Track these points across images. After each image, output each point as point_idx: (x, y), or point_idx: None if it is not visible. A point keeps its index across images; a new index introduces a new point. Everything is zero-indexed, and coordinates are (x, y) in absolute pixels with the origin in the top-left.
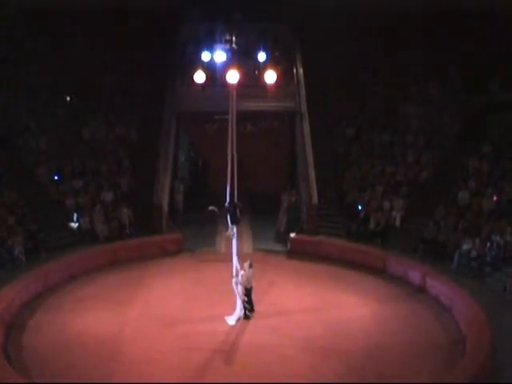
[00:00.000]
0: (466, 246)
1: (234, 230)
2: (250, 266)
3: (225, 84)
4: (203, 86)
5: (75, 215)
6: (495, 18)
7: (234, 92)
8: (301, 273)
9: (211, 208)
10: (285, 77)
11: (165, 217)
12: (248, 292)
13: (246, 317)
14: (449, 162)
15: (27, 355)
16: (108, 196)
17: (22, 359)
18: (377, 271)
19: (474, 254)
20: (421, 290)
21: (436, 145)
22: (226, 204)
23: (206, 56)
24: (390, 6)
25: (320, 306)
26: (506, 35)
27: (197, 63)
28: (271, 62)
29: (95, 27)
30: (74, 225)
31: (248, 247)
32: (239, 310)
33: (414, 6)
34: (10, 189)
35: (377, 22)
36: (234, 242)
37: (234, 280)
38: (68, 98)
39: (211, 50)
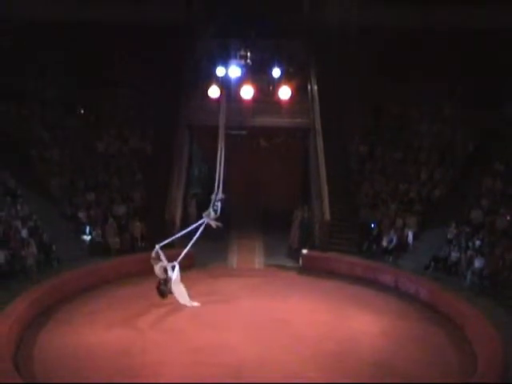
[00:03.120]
0: (478, 264)
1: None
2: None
3: (239, 99)
4: (217, 100)
5: (87, 228)
6: (510, 34)
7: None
8: (312, 289)
9: (216, 224)
10: (299, 93)
11: (177, 231)
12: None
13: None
14: (462, 180)
15: (37, 367)
16: (121, 209)
17: (32, 371)
18: (388, 288)
19: (486, 272)
20: (432, 307)
21: (449, 162)
22: (219, 196)
23: (220, 71)
24: (404, 21)
25: (330, 322)
26: None
27: (211, 78)
28: (285, 77)
29: (110, 41)
30: (87, 237)
31: (260, 262)
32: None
33: (428, 22)
34: (23, 200)
35: (391, 38)
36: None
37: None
38: (82, 111)
39: (226, 65)
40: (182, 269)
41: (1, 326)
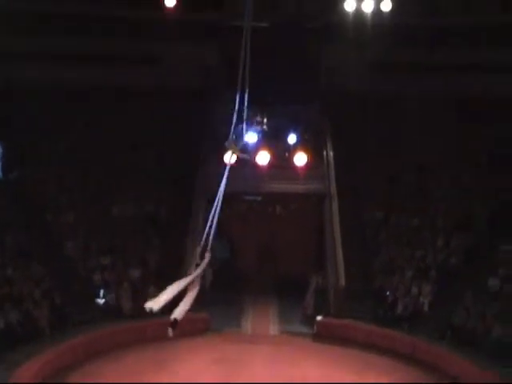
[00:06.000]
0: (496, 334)
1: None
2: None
3: (255, 165)
4: (233, 166)
5: (102, 291)
6: None
7: None
8: (327, 357)
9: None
10: (315, 159)
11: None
12: None
13: None
14: (479, 248)
15: None
16: (135, 273)
17: None
18: (405, 357)
19: (505, 340)
20: (451, 377)
21: (466, 229)
22: None
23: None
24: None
25: None
26: None
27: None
28: (301, 143)
29: (128, 105)
30: (101, 301)
31: (274, 329)
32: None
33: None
34: (38, 262)
35: (405, 105)
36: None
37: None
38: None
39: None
40: (195, 333)
41: None
